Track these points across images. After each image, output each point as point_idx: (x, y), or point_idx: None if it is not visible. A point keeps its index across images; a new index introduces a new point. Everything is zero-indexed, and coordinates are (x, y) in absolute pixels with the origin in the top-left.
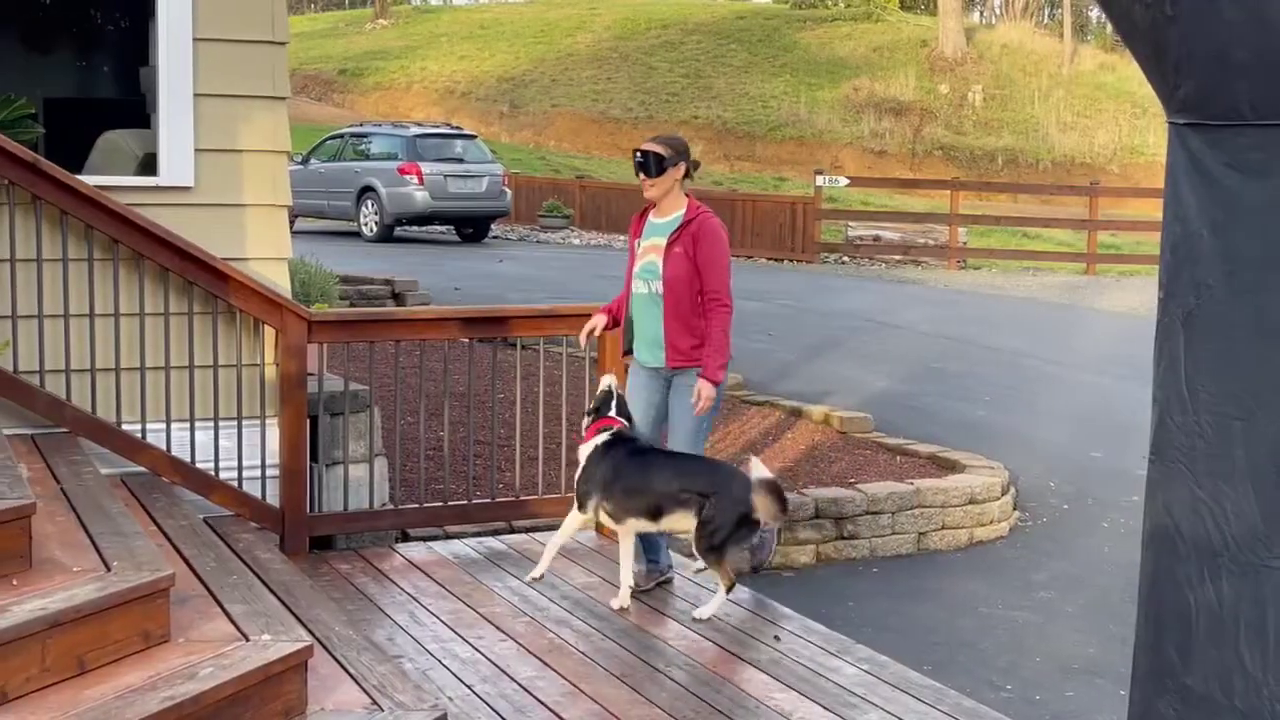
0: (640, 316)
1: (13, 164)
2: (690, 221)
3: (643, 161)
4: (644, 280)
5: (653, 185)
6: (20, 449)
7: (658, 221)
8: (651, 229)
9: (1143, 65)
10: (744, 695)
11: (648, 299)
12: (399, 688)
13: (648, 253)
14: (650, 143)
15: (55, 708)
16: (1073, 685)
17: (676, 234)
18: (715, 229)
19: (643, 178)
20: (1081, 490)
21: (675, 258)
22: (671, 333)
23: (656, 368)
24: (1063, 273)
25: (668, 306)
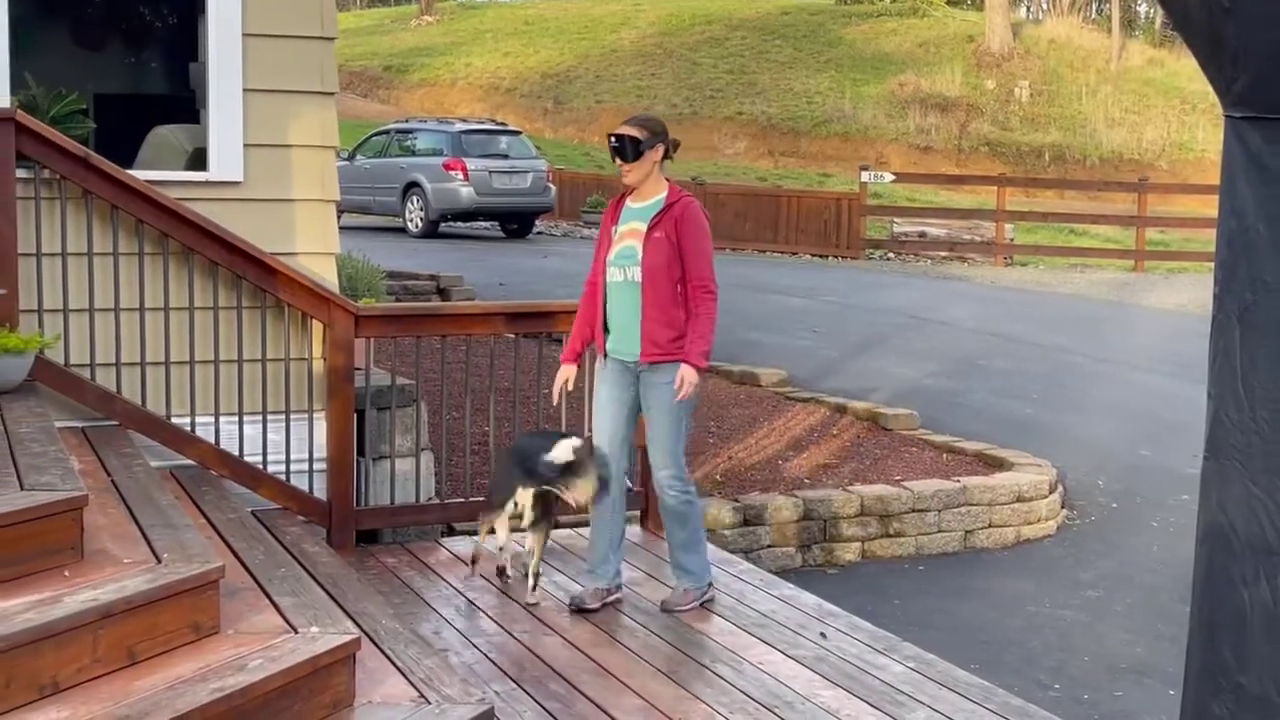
0: (614, 305)
1: (64, 158)
2: (673, 205)
3: (618, 146)
4: (620, 267)
5: (631, 170)
6: (71, 441)
7: (636, 206)
8: (629, 214)
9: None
10: (789, 692)
11: (624, 286)
12: (446, 681)
13: (625, 238)
14: (625, 126)
15: (106, 698)
16: (1121, 685)
17: (658, 218)
18: (699, 213)
19: (619, 163)
20: (1130, 488)
21: (655, 243)
22: (649, 323)
23: (628, 361)
24: (1110, 269)
25: (646, 295)
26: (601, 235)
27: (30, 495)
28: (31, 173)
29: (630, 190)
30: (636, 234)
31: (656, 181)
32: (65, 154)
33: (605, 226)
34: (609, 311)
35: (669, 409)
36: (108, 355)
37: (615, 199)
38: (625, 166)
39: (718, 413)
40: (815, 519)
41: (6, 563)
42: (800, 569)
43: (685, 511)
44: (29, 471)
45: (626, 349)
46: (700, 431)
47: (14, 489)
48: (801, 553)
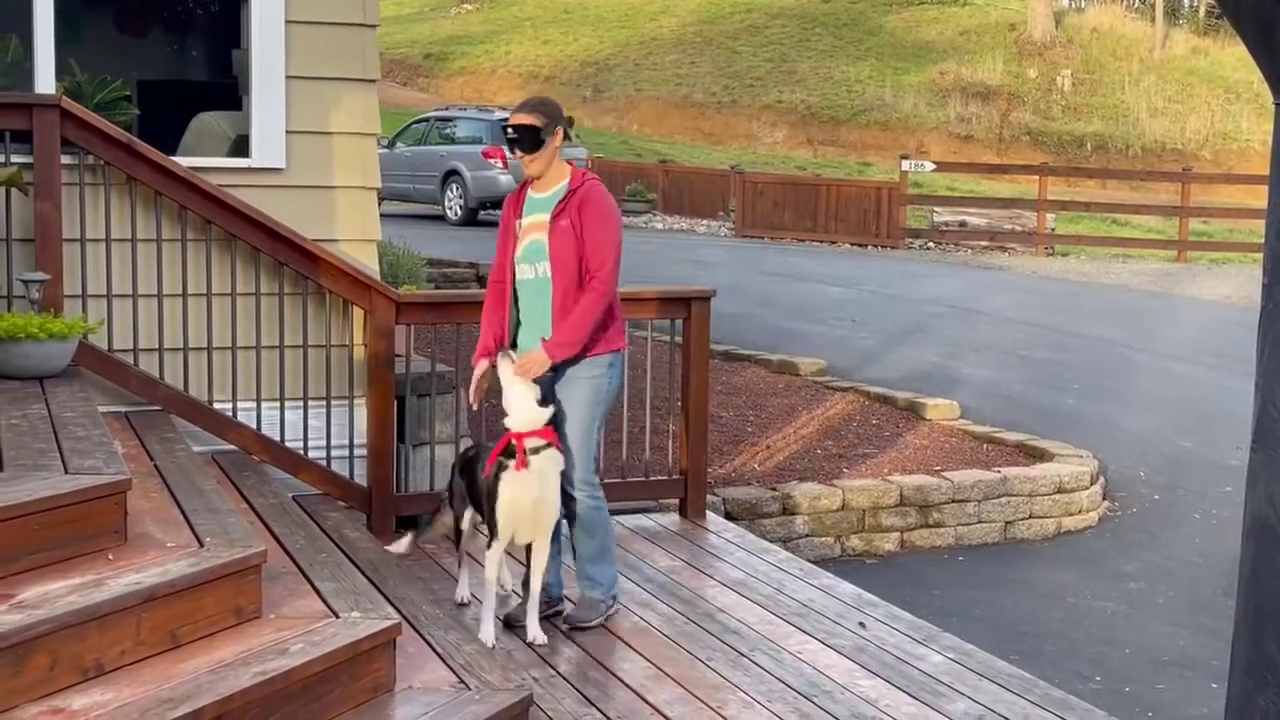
0: (527, 303)
1: (109, 145)
2: (575, 191)
3: (516, 138)
4: (529, 264)
5: (534, 160)
6: (115, 426)
7: (539, 196)
8: (532, 205)
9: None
10: (828, 681)
11: (535, 285)
12: (485, 667)
13: (530, 232)
14: (520, 114)
15: (149, 680)
16: (1163, 678)
17: (561, 205)
18: (602, 197)
19: (519, 155)
20: (1172, 480)
21: (561, 232)
22: (560, 319)
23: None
24: (1153, 260)
25: (556, 290)
26: (504, 230)
27: (74, 479)
28: (76, 159)
29: (531, 180)
30: (541, 226)
31: (558, 168)
32: (109, 140)
33: (507, 221)
34: (521, 309)
35: (582, 406)
36: (151, 341)
37: (515, 190)
38: (527, 159)
39: (756, 401)
40: (854, 509)
41: (51, 546)
42: (839, 559)
43: (594, 519)
44: (73, 455)
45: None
46: (739, 420)
47: (58, 472)
48: (840, 542)
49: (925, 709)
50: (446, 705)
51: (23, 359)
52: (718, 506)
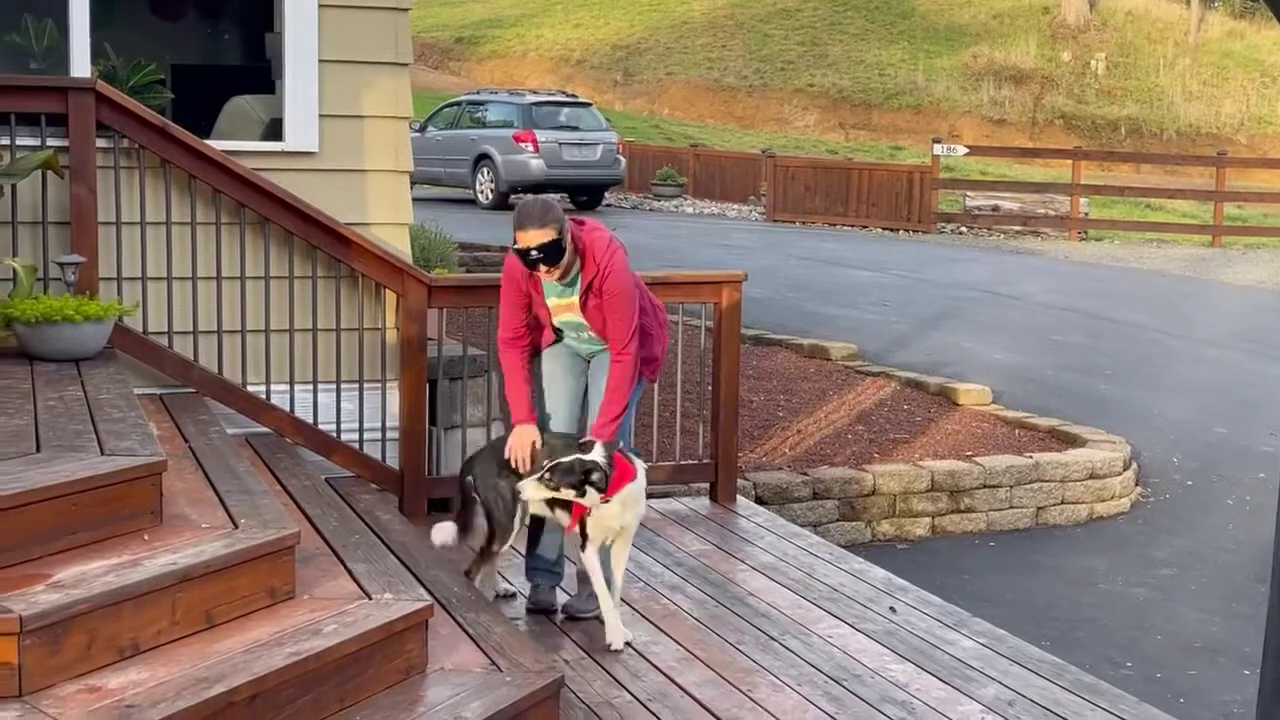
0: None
1: (143, 128)
2: (597, 275)
3: (542, 257)
4: (574, 333)
5: (559, 267)
6: (150, 408)
7: (555, 285)
8: (551, 288)
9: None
10: (858, 665)
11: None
12: (517, 649)
13: (562, 312)
14: (532, 233)
15: (185, 660)
16: (1195, 664)
17: (587, 289)
18: (622, 276)
19: (544, 270)
20: (1205, 466)
21: (594, 310)
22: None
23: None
24: (1187, 245)
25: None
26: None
27: (110, 460)
28: (111, 142)
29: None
30: (572, 308)
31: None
32: (144, 124)
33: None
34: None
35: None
36: (185, 323)
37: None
38: (554, 271)
39: (787, 386)
40: (885, 493)
41: (87, 526)
42: (870, 544)
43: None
44: (109, 437)
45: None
46: (770, 405)
47: (95, 454)
48: (871, 527)
49: (955, 693)
50: (478, 686)
51: (59, 341)
52: (748, 491)
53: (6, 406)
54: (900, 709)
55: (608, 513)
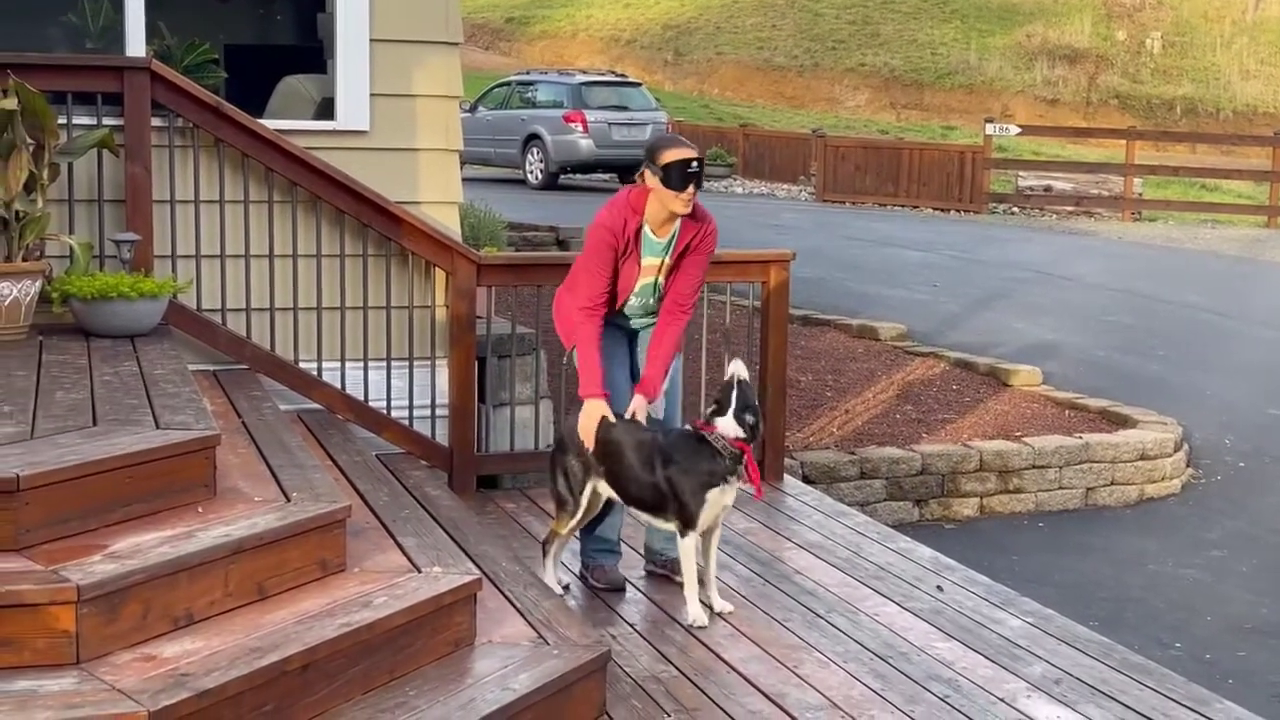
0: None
1: (197, 107)
2: (698, 232)
3: (698, 171)
4: (642, 299)
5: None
6: (204, 383)
7: (659, 240)
8: (652, 246)
9: None
10: (904, 643)
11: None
12: (564, 623)
13: (649, 273)
14: (685, 149)
15: (238, 630)
16: (1245, 645)
17: (683, 246)
18: (716, 235)
19: (692, 190)
20: (1259, 448)
21: (677, 270)
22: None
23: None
24: (1243, 226)
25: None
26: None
27: (165, 434)
28: (166, 121)
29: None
30: (659, 269)
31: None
32: (198, 103)
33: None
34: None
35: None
36: (238, 301)
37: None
38: (694, 194)
39: (836, 366)
40: (933, 473)
41: (143, 498)
42: (917, 523)
43: None
44: (164, 411)
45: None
46: (818, 385)
47: (150, 428)
48: (919, 507)
49: (1002, 671)
50: (526, 659)
51: (114, 318)
52: (795, 470)
53: (64, 381)
54: (946, 686)
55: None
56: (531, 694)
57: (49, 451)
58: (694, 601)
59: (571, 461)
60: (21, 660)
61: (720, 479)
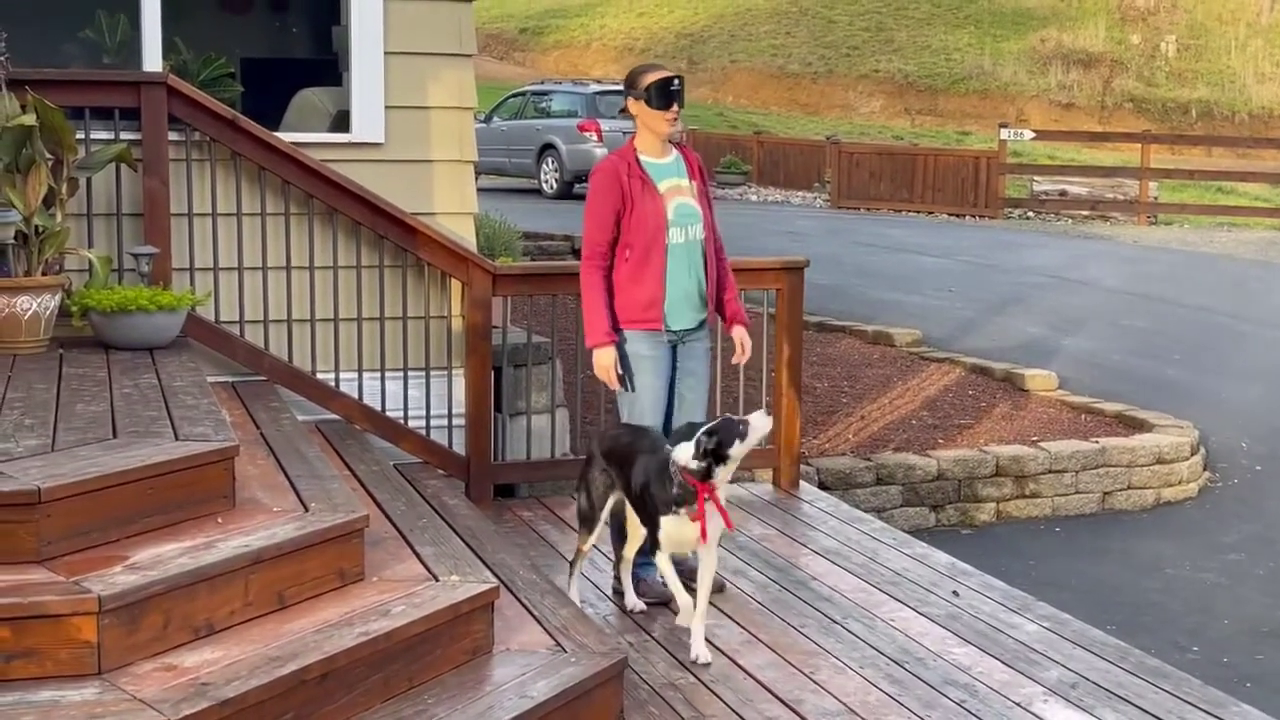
0: (675, 270)
1: (214, 120)
2: (688, 155)
3: (680, 89)
4: (680, 227)
5: (679, 115)
6: (222, 395)
7: (663, 162)
8: (661, 170)
9: None
10: (920, 648)
11: (685, 248)
12: (581, 631)
13: (674, 195)
14: (664, 71)
15: (258, 639)
16: (1263, 648)
17: (690, 170)
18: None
19: (675, 109)
20: (1275, 451)
21: (701, 195)
22: (711, 283)
23: (676, 332)
24: (1260, 229)
25: (710, 251)
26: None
27: (185, 445)
28: (183, 135)
29: (630, 155)
30: (683, 190)
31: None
32: (214, 116)
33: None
34: (669, 277)
35: (706, 380)
36: (256, 313)
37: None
38: (677, 112)
39: (851, 372)
40: (949, 479)
41: (162, 509)
42: (934, 529)
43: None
44: (183, 423)
45: (688, 318)
46: (834, 391)
47: (169, 439)
48: (935, 512)
49: (1018, 676)
50: (543, 667)
51: (133, 330)
52: (811, 476)
53: (84, 394)
54: (962, 691)
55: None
56: (549, 701)
57: (70, 464)
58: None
59: (596, 474)
60: (44, 671)
61: (670, 509)
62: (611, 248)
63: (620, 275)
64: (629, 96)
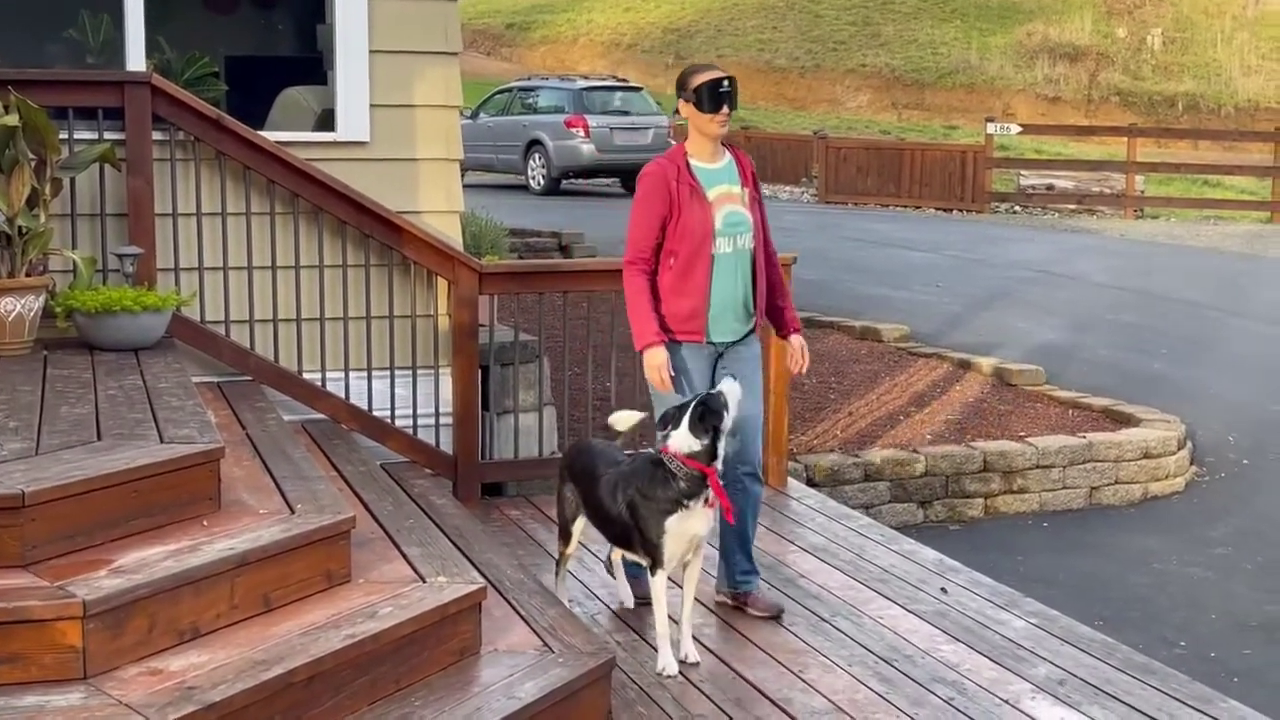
0: (721, 280)
1: (198, 120)
2: (741, 159)
3: (731, 90)
4: (728, 237)
5: (729, 119)
6: (208, 396)
7: (714, 167)
8: (711, 176)
9: None
10: (909, 646)
11: (733, 258)
12: (569, 630)
13: (723, 203)
14: (715, 71)
15: (244, 643)
16: (1250, 643)
17: (743, 176)
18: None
19: (726, 111)
20: (1262, 444)
21: (753, 203)
22: (760, 292)
23: (717, 344)
24: (1245, 222)
25: (758, 263)
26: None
27: (170, 448)
28: (167, 134)
29: (679, 158)
30: (734, 198)
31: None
32: (199, 116)
33: (665, 197)
34: (713, 289)
35: (758, 388)
36: (241, 312)
37: (659, 165)
38: (727, 114)
39: (839, 368)
40: (937, 475)
41: (147, 512)
42: (922, 525)
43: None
44: (168, 425)
45: (732, 329)
46: (821, 387)
47: (154, 441)
48: (923, 509)
49: (1006, 673)
50: (531, 667)
51: (118, 331)
52: (799, 473)
53: (68, 395)
54: (951, 689)
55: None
56: (537, 702)
57: (54, 467)
58: (665, 650)
59: (566, 493)
60: (29, 676)
61: (677, 505)
62: (656, 253)
63: (663, 283)
64: (680, 98)
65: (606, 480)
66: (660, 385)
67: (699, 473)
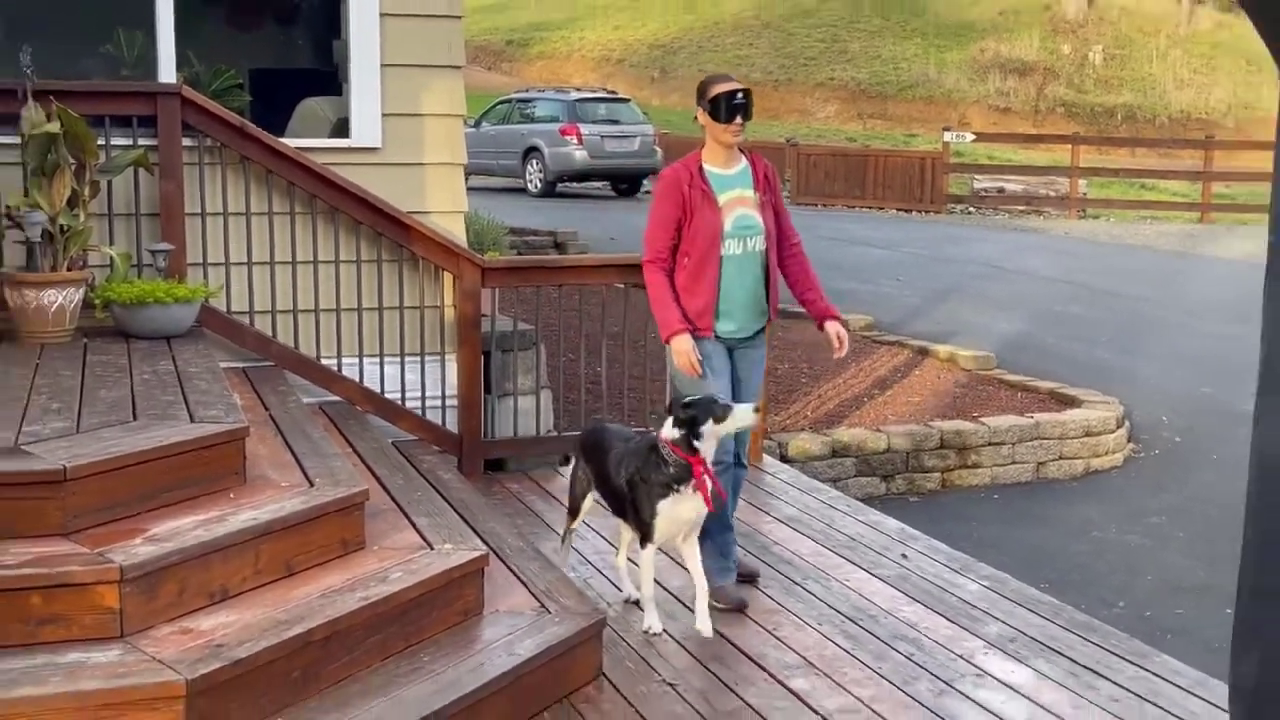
0: (732, 280)
1: (224, 128)
2: (756, 165)
3: (746, 102)
4: (738, 238)
5: (742, 129)
6: (233, 380)
7: (729, 172)
8: (725, 181)
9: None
10: (873, 606)
11: (743, 259)
12: (564, 593)
13: (735, 206)
14: (734, 83)
15: (269, 604)
16: (1182, 603)
17: (758, 181)
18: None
19: (739, 122)
20: (1193, 424)
21: (765, 207)
22: (774, 292)
23: (729, 340)
24: (1178, 222)
25: (771, 264)
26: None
27: (199, 427)
28: (195, 141)
29: (694, 164)
30: (746, 201)
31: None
32: (225, 124)
33: (678, 200)
34: (724, 288)
35: (759, 386)
36: (264, 304)
37: (673, 170)
38: (741, 125)
39: (809, 354)
40: (899, 451)
41: (179, 486)
42: (885, 497)
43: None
44: (197, 406)
45: (746, 325)
46: (794, 372)
47: (185, 421)
48: (886, 482)
49: (961, 631)
50: (529, 626)
51: (151, 321)
52: (773, 450)
53: (106, 380)
54: (910, 645)
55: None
56: (535, 658)
57: (93, 444)
58: (651, 611)
59: (579, 472)
60: (71, 635)
61: (669, 489)
62: (672, 252)
63: (679, 282)
64: (698, 106)
65: (615, 455)
66: (689, 370)
67: (685, 461)
